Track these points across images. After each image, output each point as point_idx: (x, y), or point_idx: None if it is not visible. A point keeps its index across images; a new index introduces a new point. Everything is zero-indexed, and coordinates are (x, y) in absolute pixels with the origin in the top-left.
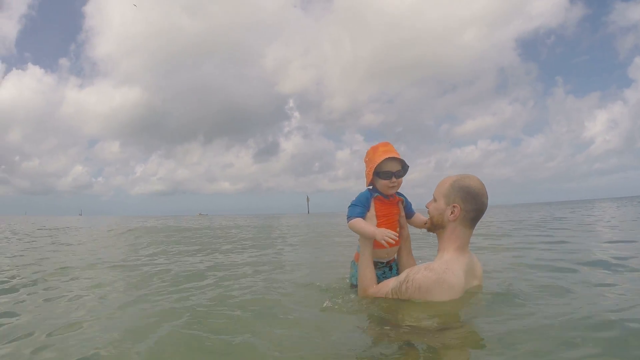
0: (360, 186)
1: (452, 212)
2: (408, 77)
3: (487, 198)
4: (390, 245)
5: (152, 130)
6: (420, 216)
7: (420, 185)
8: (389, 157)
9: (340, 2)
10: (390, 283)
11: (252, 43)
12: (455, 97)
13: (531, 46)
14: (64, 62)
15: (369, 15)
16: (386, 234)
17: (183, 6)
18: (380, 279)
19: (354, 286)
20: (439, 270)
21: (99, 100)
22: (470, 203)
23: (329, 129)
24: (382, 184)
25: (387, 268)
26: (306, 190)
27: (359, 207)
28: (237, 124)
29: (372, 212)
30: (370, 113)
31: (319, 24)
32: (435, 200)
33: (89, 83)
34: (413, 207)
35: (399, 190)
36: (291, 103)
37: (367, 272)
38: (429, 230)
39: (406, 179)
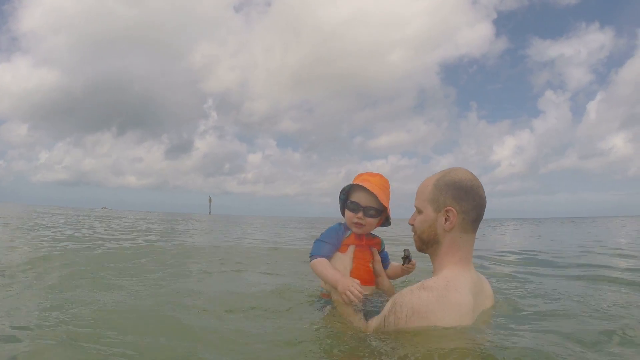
0: (269, 190)
1: (446, 219)
2: (331, 88)
3: (483, 189)
4: (350, 301)
5: (65, 116)
6: (395, 264)
7: (328, 194)
8: (360, 186)
9: (277, 9)
10: (372, 324)
11: (182, 37)
12: (374, 112)
13: (453, 72)
14: None
15: (302, 26)
16: (349, 287)
17: None
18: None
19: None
20: (437, 286)
21: (13, 79)
22: (467, 201)
23: (244, 131)
24: (346, 216)
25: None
26: (213, 191)
27: (327, 245)
28: (154, 118)
29: (349, 253)
30: (288, 120)
31: (253, 27)
32: (419, 211)
33: (5, 59)
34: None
35: (376, 234)
36: (210, 102)
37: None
38: (420, 250)
39: (314, 187)
